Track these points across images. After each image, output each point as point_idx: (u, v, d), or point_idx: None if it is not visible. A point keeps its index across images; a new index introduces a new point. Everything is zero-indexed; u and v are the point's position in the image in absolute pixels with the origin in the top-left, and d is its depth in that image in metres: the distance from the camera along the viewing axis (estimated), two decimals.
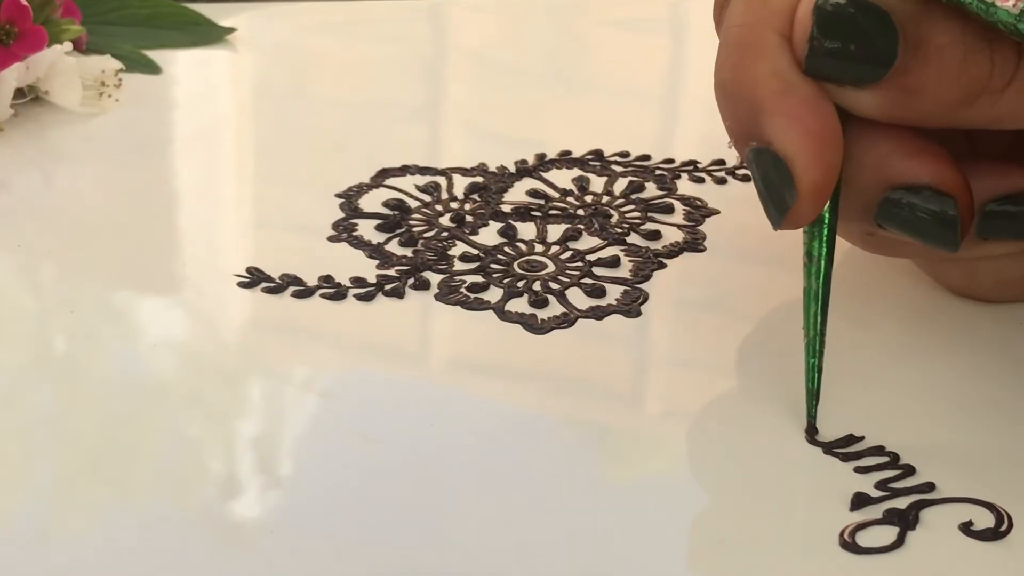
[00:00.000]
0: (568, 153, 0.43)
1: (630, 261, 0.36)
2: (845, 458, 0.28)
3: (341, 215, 0.39)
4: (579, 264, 0.36)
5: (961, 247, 0.29)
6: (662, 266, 0.36)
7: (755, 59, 0.28)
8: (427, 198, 0.40)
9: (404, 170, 0.42)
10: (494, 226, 0.38)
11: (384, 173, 0.41)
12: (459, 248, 0.37)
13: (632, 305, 0.34)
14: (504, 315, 0.33)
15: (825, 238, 0.29)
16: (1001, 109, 0.28)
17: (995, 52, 0.27)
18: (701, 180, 0.41)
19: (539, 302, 0.34)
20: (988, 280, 0.34)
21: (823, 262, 0.29)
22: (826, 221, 0.29)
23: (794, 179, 0.27)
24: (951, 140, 0.30)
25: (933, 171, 0.28)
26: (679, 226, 0.38)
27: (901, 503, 0.26)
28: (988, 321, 0.33)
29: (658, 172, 0.42)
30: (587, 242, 0.37)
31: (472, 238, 0.37)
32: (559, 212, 0.39)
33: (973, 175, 0.30)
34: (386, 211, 0.39)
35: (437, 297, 0.34)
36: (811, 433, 0.29)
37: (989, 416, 0.29)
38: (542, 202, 0.39)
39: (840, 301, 0.31)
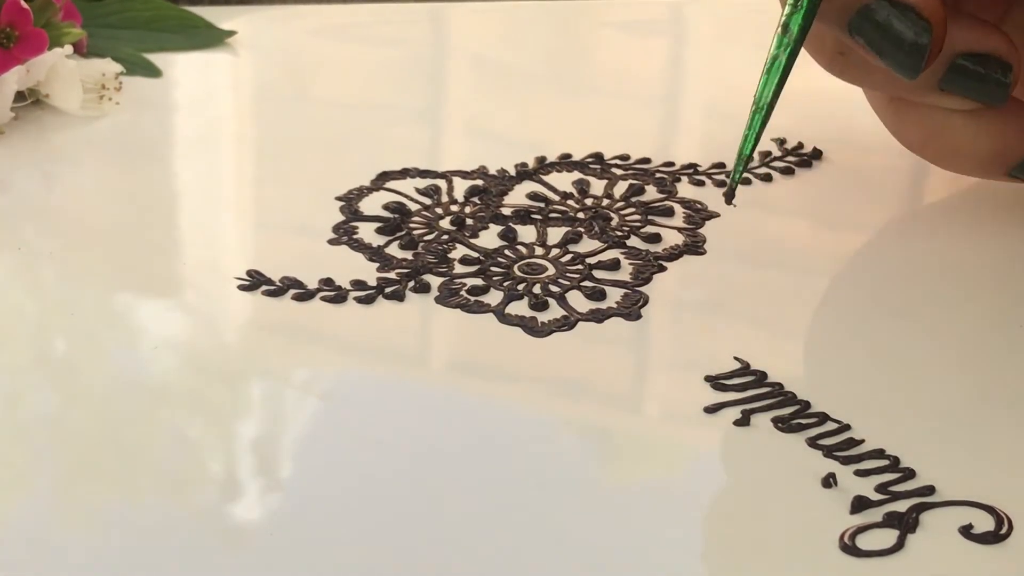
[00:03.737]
0: (568, 156, 0.43)
1: (630, 264, 0.36)
2: (845, 461, 0.28)
3: (341, 218, 0.39)
4: (579, 267, 0.36)
5: (917, 89, 0.30)
6: (662, 269, 0.36)
7: None
8: (427, 201, 0.40)
9: (404, 173, 0.42)
10: (494, 229, 0.38)
11: (384, 176, 0.41)
12: (459, 251, 0.37)
13: (632, 308, 0.34)
14: (504, 318, 0.33)
15: (805, 12, 0.29)
16: None
17: None
18: (701, 183, 0.41)
19: (539, 305, 0.34)
20: (942, 143, 0.34)
21: (797, 36, 0.29)
22: None
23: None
24: None
25: None
26: (679, 229, 0.38)
27: (901, 506, 0.26)
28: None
29: (658, 175, 0.42)
30: (587, 245, 0.37)
31: (472, 241, 0.37)
32: (559, 215, 0.39)
33: (955, 24, 0.30)
34: (386, 214, 0.39)
35: (437, 300, 0.34)
36: (728, 197, 0.30)
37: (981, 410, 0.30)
38: (542, 205, 0.39)
39: None
